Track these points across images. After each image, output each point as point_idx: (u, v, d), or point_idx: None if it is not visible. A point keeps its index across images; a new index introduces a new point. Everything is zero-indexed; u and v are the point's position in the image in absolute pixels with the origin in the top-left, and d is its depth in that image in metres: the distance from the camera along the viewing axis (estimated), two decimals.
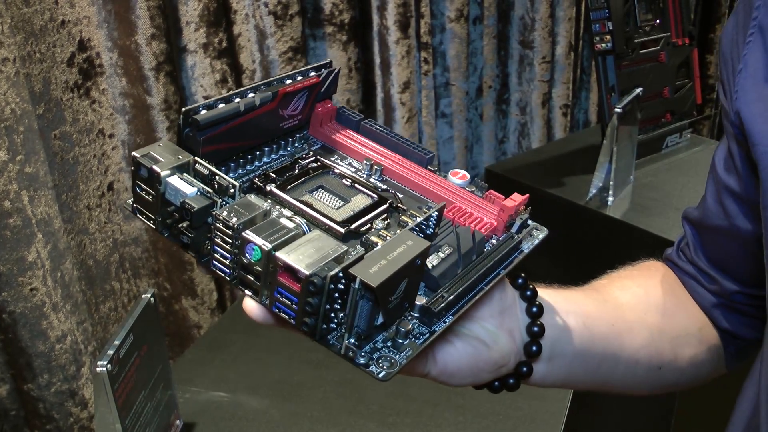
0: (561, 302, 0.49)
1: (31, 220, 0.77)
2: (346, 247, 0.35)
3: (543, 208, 1.61)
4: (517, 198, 0.43)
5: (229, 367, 0.89)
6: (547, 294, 0.49)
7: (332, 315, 0.35)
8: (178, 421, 0.77)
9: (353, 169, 0.45)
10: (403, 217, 0.41)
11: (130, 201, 0.40)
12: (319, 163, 0.45)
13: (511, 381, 0.46)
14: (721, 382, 0.58)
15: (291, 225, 0.36)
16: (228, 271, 0.36)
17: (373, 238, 0.37)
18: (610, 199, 1.21)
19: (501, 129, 1.68)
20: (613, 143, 1.17)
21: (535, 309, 0.46)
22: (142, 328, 0.66)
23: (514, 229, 0.44)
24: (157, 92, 0.96)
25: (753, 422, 0.49)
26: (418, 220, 0.39)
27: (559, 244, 1.32)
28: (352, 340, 0.35)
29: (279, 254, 0.34)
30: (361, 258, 0.34)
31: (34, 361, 0.80)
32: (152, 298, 0.68)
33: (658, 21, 1.35)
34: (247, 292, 0.36)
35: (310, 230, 0.37)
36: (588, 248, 1.25)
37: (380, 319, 0.36)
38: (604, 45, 1.27)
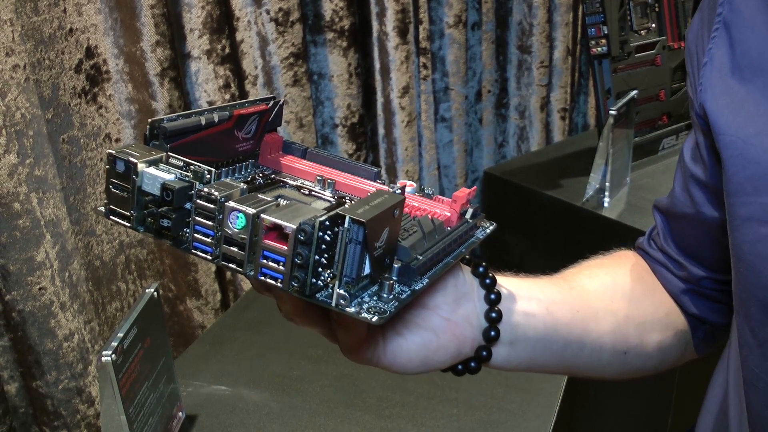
0: (524, 289, 0.50)
1: (40, 221, 0.78)
2: (325, 210, 0.36)
3: (540, 210, 1.62)
4: (465, 190, 0.47)
5: (230, 362, 0.91)
6: (511, 282, 0.50)
7: (320, 270, 0.35)
8: (180, 413, 0.79)
9: (307, 185, 0.47)
10: None
11: (101, 208, 0.40)
12: (275, 177, 0.47)
13: (472, 364, 0.48)
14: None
15: (269, 198, 0.37)
16: (210, 249, 0.37)
17: None
18: (606, 200, 1.23)
19: (500, 133, 1.70)
20: (609, 145, 1.18)
21: (493, 296, 0.47)
22: (146, 322, 0.67)
23: (468, 216, 0.47)
24: (161, 97, 0.98)
25: (724, 405, 0.51)
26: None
27: (556, 244, 1.35)
28: (341, 291, 0.36)
29: (264, 215, 0.35)
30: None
31: (43, 359, 0.81)
32: (155, 293, 0.70)
33: (653, 25, 1.37)
34: (231, 265, 0.37)
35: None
36: (583, 248, 1.27)
37: (366, 270, 0.37)
38: (599, 49, 1.29)
